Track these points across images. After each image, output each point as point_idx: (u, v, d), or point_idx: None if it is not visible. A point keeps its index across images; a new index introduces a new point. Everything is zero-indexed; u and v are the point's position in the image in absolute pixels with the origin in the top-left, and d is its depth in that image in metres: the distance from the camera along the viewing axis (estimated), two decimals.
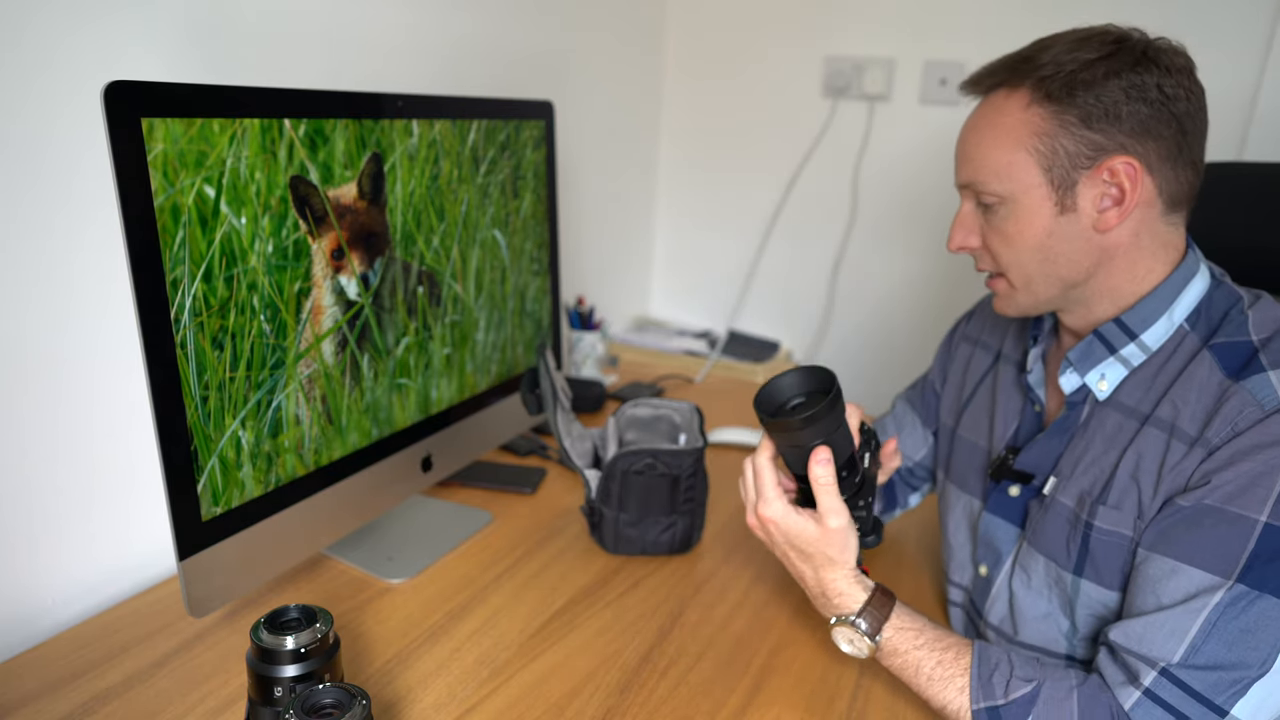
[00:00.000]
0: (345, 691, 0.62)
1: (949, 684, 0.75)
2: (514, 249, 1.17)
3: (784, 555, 0.83)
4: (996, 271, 0.83)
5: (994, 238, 0.80)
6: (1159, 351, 0.78)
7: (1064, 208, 0.76)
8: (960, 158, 0.82)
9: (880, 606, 0.79)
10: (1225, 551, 0.67)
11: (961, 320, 1.07)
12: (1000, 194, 0.78)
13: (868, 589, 0.79)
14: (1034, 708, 0.71)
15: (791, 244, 2.02)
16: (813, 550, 0.79)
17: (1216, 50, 1.53)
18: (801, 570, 0.82)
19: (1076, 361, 0.82)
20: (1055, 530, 0.81)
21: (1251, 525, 0.66)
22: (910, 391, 1.12)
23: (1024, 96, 0.76)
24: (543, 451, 1.34)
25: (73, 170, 0.85)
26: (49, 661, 0.83)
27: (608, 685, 0.83)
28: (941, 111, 1.78)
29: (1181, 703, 0.66)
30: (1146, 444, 0.76)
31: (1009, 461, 0.88)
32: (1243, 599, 0.66)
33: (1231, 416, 0.70)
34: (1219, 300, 0.78)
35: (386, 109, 0.92)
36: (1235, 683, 0.65)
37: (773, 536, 0.82)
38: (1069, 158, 0.75)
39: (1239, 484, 0.68)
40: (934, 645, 0.77)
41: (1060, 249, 0.77)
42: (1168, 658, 0.67)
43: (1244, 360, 0.73)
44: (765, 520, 0.81)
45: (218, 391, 0.77)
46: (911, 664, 0.77)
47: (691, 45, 2.01)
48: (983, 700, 0.73)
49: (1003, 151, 0.77)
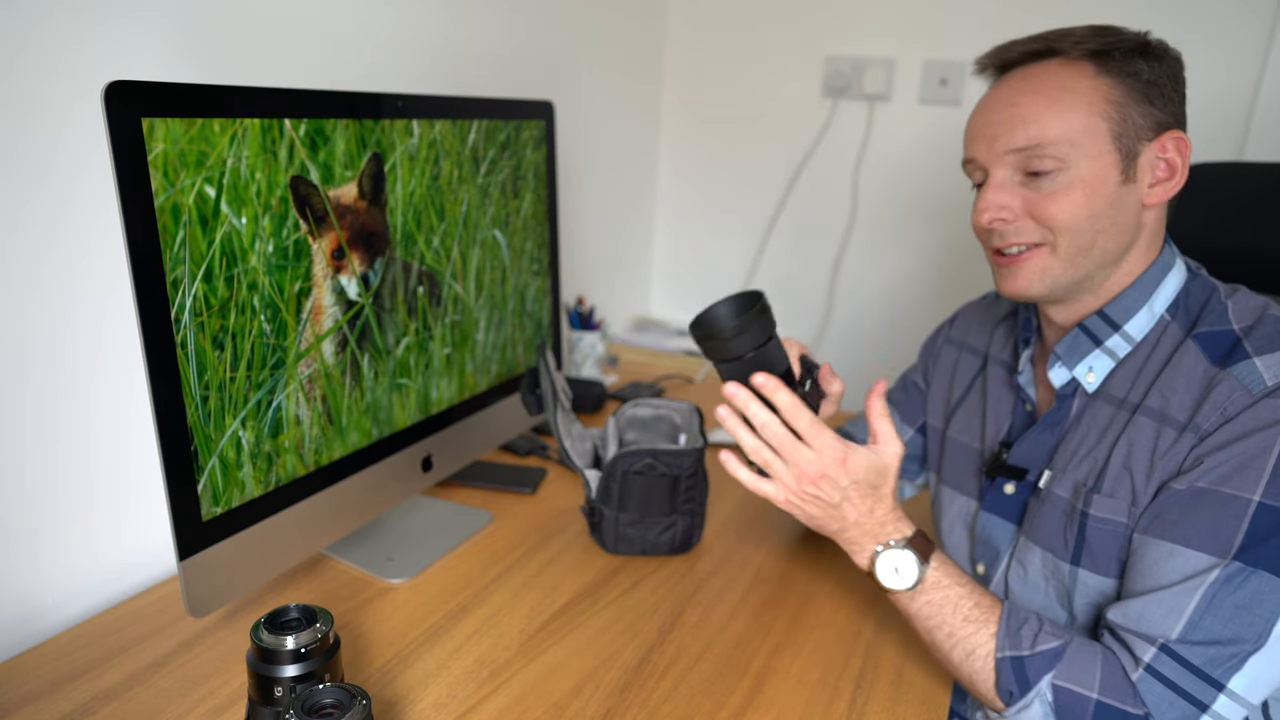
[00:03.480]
0: (345, 691, 0.62)
1: (983, 627, 0.76)
2: (514, 249, 1.17)
3: (841, 500, 0.77)
4: (1036, 243, 0.79)
5: (1048, 205, 0.77)
6: (1143, 342, 0.80)
7: (1126, 177, 0.77)
8: (1010, 123, 0.77)
9: (925, 540, 0.79)
10: (1220, 531, 0.68)
11: (944, 325, 1.08)
12: (1064, 158, 0.76)
13: (910, 522, 0.80)
14: (1059, 663, 0.72)
15: (791, 244, 2.02)
16: (881, 481, 0.78)
17: (1216, 50, 1.53)
18: (857, 508, 0.78)
19: (1064, 355, 0.84)
20: (1052, 522, 0.82)
21: (1245, 505, 0.68)
22: (890, 390, 1.12)
23: (1087, 66, 0.76)
24: (543, 451, 1.34)
25: (73, 171, 0.85)
26: (49, 661, 0.83)
27: (608, 685, 0.83)
28: (941, 111, 1.78)
29: (1181, 677, 0.68)
30: (1137, 433, 0.77)
31: (1002, 456, 0.89)
32: (1238, 576, 0.67)
33: (1220, 402, 0.71)
34: (1196, 291, 0.80)
35: (387, 109, 0.92)
36: (1232, 657, 0.67)
37: (837, 481, 0.76)
38: (1135, 129, 0.76)
39: (1232, 465, 0.69)
40: (973, 588, 0.78)
41: (1117, 220, 0.78)
42: (1166, 634, 0.69)
43: (1228, 348, 0.75)
44: (829, 464, 0.75)
45: (218, 391, 0.77)
46: (951, 600, 0.77)
47: (691, 45, 2.01)
48: (1008, 649, 0.74)
49: (1077, 115, 0.75)
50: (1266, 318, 0.75)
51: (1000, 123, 0.78)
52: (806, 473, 0.76)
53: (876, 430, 0.79)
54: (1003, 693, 0.73)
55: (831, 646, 0.90)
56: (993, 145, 0.79)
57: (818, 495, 0.77)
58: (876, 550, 0.79)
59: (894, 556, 0.78)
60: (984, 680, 0.75)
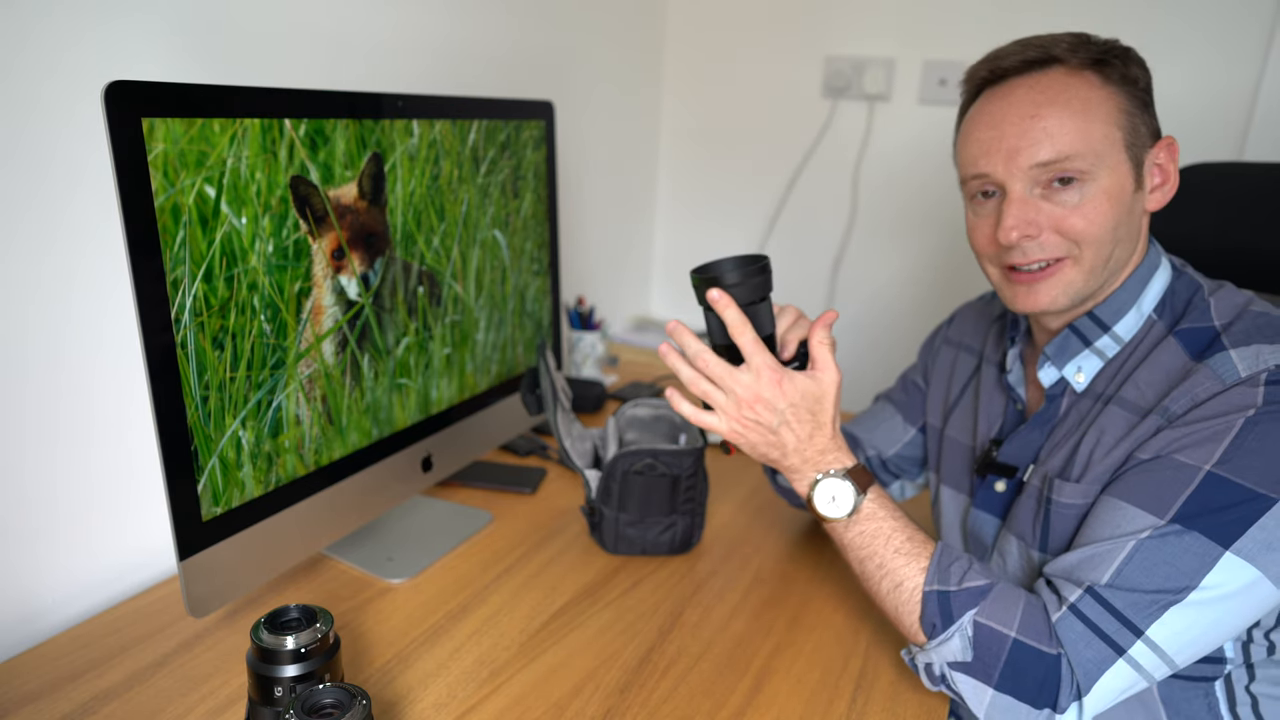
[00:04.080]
0: (345, 691, 0.62)
1: (913, 560, 0.77)
2: (514, 249, 1.17)
3: (779, 425, 0.79)
4: (1058, 257, 0.78)
5: (1074, 219, 0.76)
6: (1130, 342, 0.81)
7: (1137, 185, 0.78)
8: (1031, 136, 0.75)
9: (864, 473, 0.81)
10: (1165, 494, 0.70)
11: (942, 325, 1.09)
12: (1090, 171, 0.75)
13: (852, 454, 0.82)
14: (983, 601, 0.73)
15: (791, 243, 2.02)
16: (819, 408, 0.80)
17: (1216, 50, 1.53)
18: (795, 434, 0.80)
19: (1053, 355, 0.84)
20: (1025, 511, 0.84)
21: (1195, 472, 0.69)
22: (890, 390, 1.13)
23: (1091, 76, 0.76)
24: (543, 451, 1.34)
25: (73, 171, 0.85)
26: (49, 661, 0.83)
27: (608, 685, 0.83)
28: (941, 111, 1.78)
29: (1101, 619, 0.69)
30: (1108, 421, 0.78)
31: (992, 454, 0.89)
32: (1171, 534, 0.68)
33: (1190, 389, 0.72)
34: (1181, 289, 0.81)
35: (387, 109, 0.92)
36: (1153, 604, 0.68)
37: (774, 404, 0.78)
38: (1141, 137, 0.77)
39: (1192, 439, 0.70)
40: (906, 523, 0.80)
41: (1131, 227, 0.79)
42: (1095, 580, 0.70)
43: (1207, 343, 0.76)
44: (765, 385, 0.78)
45: (218, 391, 0.77)
46: (884, 532, 0.79)
47: (691, 45, 2.01)
48: (936, 583, 0.75)
49: (1098, 126, 0.75)
50: (1247, 313, 0.76)
51: (1020, 135, 0.76)
52: (743, 397, 0.78)
53: (815, 356, 0.81)
54: (926, 625, 0.75)
55: (831, 646, 0.90)
56: (1014, 159, 0.76)
57: (756, 420, 0.79)
58: (815, 478, 0.80)
59: (831, 485, 0.80)
60: (909, 612, 0.76)
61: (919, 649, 0.77)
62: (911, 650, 0.79)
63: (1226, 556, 0.67)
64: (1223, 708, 0.78)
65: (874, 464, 1.09)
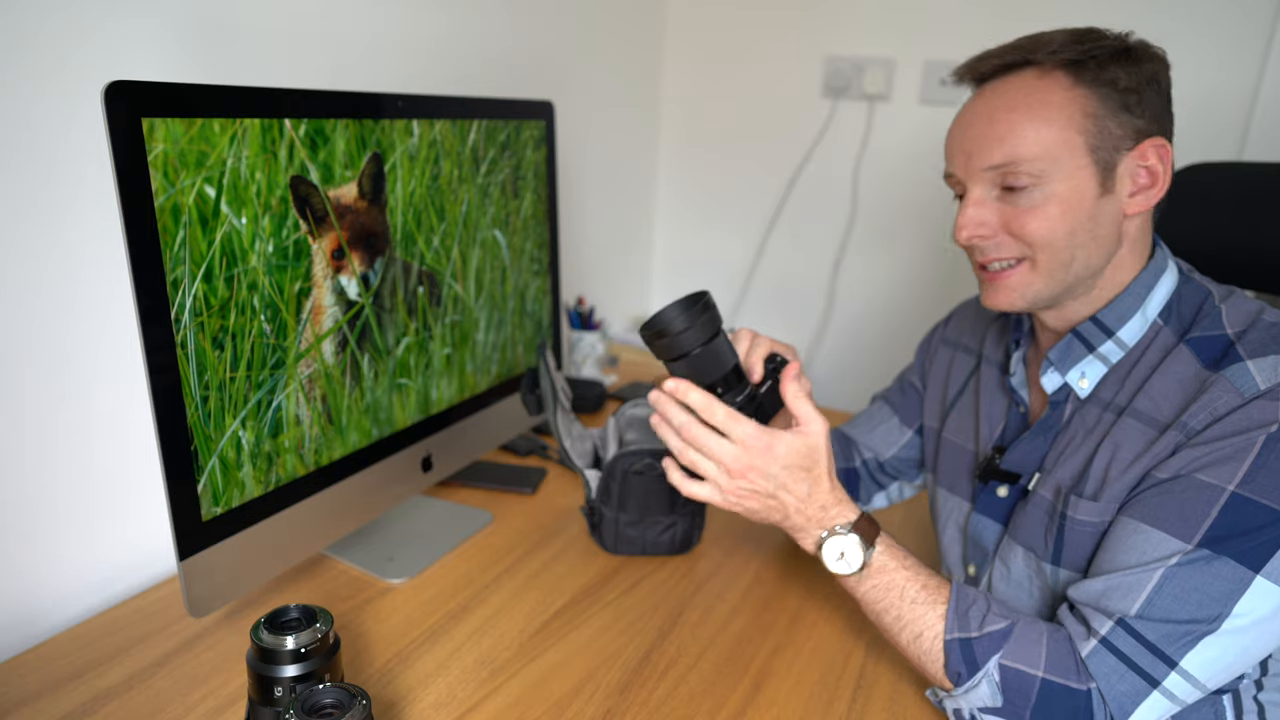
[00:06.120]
0: (345, 691, 0.62)
1: (930, 608, 0.76)
2: (514, 249, 1.17)
3: (776, 489, 0.79)
4: (1017, 258, 0.79)
5: (1026, 221, 0.76)
6: (1135, 347, 0.80)
7: (1104, 189, 0.76)
8: (987, 140, 0.77)
9: (870, 523, 0.80)
10: (1190, 516, 0.69)
11: (939, 325, 1.08)
12: (1040, 174, 0.75)
13: (855, 505, 0.81)
14: (1006, 643, 0.72)
15: (791, 243, 2.02)
16: (812, 463, 0.79)
17: (1216, 50, 1.53)
18: (794, 494, 0.79)
19: (1057, 361, 0.83)
20: (1034, 522, 0.83)
21: (1219, 493, 0.68)
22: (887, 391, 1.12)
23: (1062, 78, 0.75)
24: (543, 451, 1.34)
25: (73, 171, 0.85)
26: (49, 661, 0.83)
27: (608, 685, 0.83)
28: (941, 111, 1.78)
29: (1134, 652, 0.68)
30: (1124, 435, 0.77)
31: (995, 461, 0.89)
32: (1200, 560, 0.67)
33: (1210, 403, 0.71)
34: (1189, 295, 0.80)
35: (387, 109, 0.92)
36: (1186, 635, 0.67)
37: (766, 469, 0.78)
38: (1113, 139, 0.75)
39: (1214, 457, 0.69)
40: (919, 570, 0.79)
41: (1096, 232, 0.77)
42: (1125, 611, 0.69)
43: (1220, 351, 0.74)
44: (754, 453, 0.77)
45: (218, 391, 0.77)
46: (898, 584, 0.78)
47: (691, 45, 2.01)
48: (957, 631, 0.74)
49: (1053, 130, 0.74)
50: (1260, 322, 0.75)
51: (976, 138, 0.78)
52: (733, 467, 0.78)
53: (797, 413, 0.80)
54: (951, 674, 0.74)
55: (831, 646, 0.90)
56: (970, 161, 0.79)
57: (751, 489, 0.79)
58: (821, 536, 0.80)
59: (839, 543, 0.79)
60: (933, 661, 0.75)
61: (946, 694, 0.76)
62: (938, 693, 0.78)
63: (1257, 581, 0.66)
64: (1229, 717, 0.78)
65: (871, 466, 1.09)
